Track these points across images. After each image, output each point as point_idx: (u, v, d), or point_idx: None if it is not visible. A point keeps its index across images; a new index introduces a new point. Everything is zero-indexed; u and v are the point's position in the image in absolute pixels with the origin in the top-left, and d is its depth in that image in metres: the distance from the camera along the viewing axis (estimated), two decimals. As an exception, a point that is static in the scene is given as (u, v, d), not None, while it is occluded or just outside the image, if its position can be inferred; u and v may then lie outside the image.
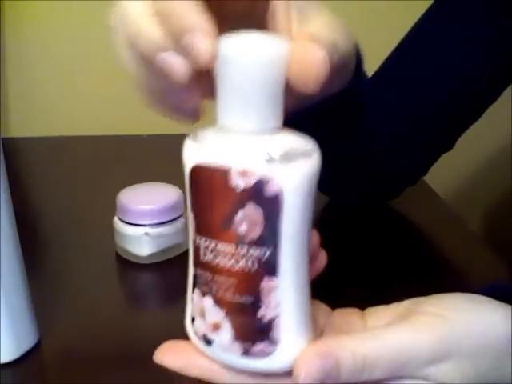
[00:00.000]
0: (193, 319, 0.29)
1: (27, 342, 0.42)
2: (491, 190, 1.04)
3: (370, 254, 0.57)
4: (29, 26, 0.88)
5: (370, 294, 0.50)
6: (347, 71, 0.35)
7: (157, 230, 0.52)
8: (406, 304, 0.32)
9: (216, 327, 0.28)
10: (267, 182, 0.25)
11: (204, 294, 0.28)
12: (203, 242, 0.27)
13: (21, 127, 0.91)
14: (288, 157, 0.26)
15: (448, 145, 0.60)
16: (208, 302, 0.28)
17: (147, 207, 0.52)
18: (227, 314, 0.28)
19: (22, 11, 0.87)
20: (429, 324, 0.29)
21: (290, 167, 0.26)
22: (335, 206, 0.65)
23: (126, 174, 0.69)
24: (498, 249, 0.58)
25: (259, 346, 0.28)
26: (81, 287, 0.50)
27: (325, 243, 0.34)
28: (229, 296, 0.27)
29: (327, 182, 0.61)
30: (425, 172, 0.63)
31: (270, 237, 0.26)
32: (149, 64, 0.28)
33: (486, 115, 0.58)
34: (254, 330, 0.27)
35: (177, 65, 0.27)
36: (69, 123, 0.92)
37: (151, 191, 0.55)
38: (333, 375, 0.27)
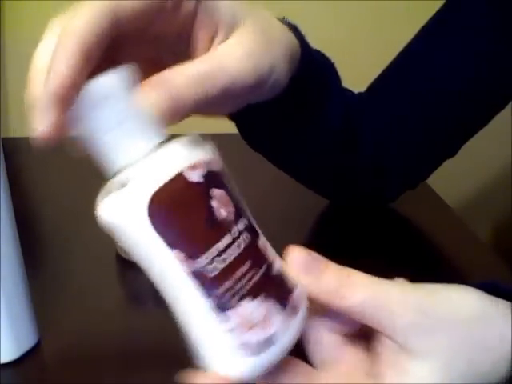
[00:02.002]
0: (240, 347, 0.27)
1: (27, 342, 0.42)
2: (496, 196, 1.04)
3: (371, 255, 0.57)
4: (29, 26, 0.88)
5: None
6: (266, 85, 0.35)
7: (157, 230, 0.52)
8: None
9: (266, 319, 0.27)
10: (211, 162, 0.28)
11: (235, 305, 0.27)
12: (204, 261, 0.26)
13: (21, 127, 0.91)
14: (202, 142, 0.28)
15: (451, 151, 0.60)
16: (247, 304, 0.27)
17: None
18: (265, 295, 0.27)
19: (21, 11, 0.87)
20: (416, 291, 0.30)
21: (210, 146, 0.29)
22: (336, 207, 0.65)
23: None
24: (500, 251, 0.58)
25: (293, 296, 0.29)
26: (81, 287, 0.50)
27: (326, 244, 0.34)
28: (255, 278, 0.27)
29: (327, 184, 0.61)
30: (426, 176, 0.63)
31: (238, 205, 0.28)
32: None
33: (494, 122, 0.58)
34: (281, 288, 0.28)
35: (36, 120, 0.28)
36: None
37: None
38: (318, 271, 0.29)
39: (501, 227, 1.05)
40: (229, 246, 0.27)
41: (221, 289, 0.27)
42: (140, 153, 0.27)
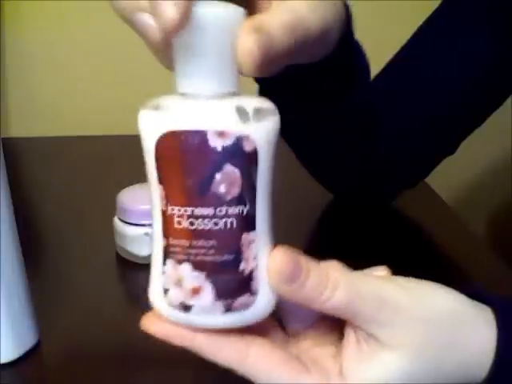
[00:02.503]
0: (165, 291, 0.29)
1: (27, 342, 0.42)
2: (493, 193, 1.04)
3: (370, 253, 0.57)
4: (29, 26, 0.88)
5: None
6: (324, 44, 0.36)
7: (157, 229, 0.52)
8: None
9: (196, 291, 0.28)
10: (244, 139, 0.27)
11: (180, 262, 0.28)
12: (177, 211, 0.28)
13: (21, 127, 0.91)
14: (259, 114, 0.27)
15: (450, 149, 0.60)
16: (185, 268, 0.28)
17: (147, 207, 0.51)
18: (208, 275, 0.28)
19: (22, 11, 0.88)
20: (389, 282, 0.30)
21: (262, 124, 0.27)
22: (336, 206, 0.65)
23: (126, 173, 0.69)
24: (499, 250, 0.58)
25: (240, 300, 0.29)
26: (81, 287, 0.50)
27: (326, 243, 0.34)
28: (209, 258, 0.28)
29: (330, 178, 0.61)
30: (425, 175, 0.63)
31: (247, 193, 0.28)
32: (130, 23, 0.28)
33: (489, 118, 0.58)
34: (236, 285, 0.29)
35: (150, 29, 0.27)
36: (69, 123, 0.92)
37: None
38: (301, 279, 0.28)
39: (498, 225, 1.05)
40: (205, 217, 0.27)
41: (174, 241, 0.28)
42: (200, 89, 0.27)
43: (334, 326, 0.32)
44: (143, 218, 0.52)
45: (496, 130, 0.84)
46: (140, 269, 0.53)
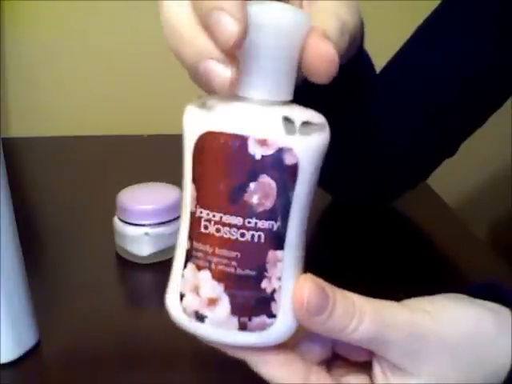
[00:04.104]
0: (181, 296, 0.28)
1: (27, 342, 0.42)
2: (494, 195, 1.04)
3: (371, 254, 0.57)
4: (29, 26, 0.88)
5: (370, 293, 0.50)
6: (354, 46, 0.35)
7: (157, 230, 0.52)
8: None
9: (212, 302, 0.27)
10: (285, 151, 0.26)
11: (200, 269, 0.27)
12: (205, 215, 0.27)
13: (21, 127, 0.91)
14: (306, 128, 0.26)
15: (450, 150, 0.60)
16: (205, 276, 0.27)
17: (147, 207, 0.52)
18: (226, 288, 0.27)
19: (22, 11, 0.87)
20: (414, 310, 0.29)
21: (308, 139, 0.26)
22: (337, 207, 0.65)
23: (125, 174, 0.69)
24: (499, 251, 0.58)
25: (257, 320, 0.27)
26: (81, 287, 0.50)
27: (326, 244, 0.34)
28: (230, 269, 0.27)
29: (329, 179, 0.61)
30: (426, 176, 0.63)
31: (281, 209, 0.26)
32: (192, 72, 0.27)
33: (489, 119, 0.58)
34: (254, 304, 0.27)
35: (219, 74, 0.25)
36: (69, 123, 0.92)
37: (151, 191, 0.55)
38: (328, 310, 0.27)
39: (499, 226, 1.05)
40: (233, 226, 0.26)
41: (198, 245, 0.27)
42: (250, 94, 0.26)
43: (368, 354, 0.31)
44: (143, 217, 0.52)
45: (497, 133, 0.84)
46: (140, 269, 0.53)
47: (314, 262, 0.30)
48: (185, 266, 0.28)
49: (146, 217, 0.52)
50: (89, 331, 0.45)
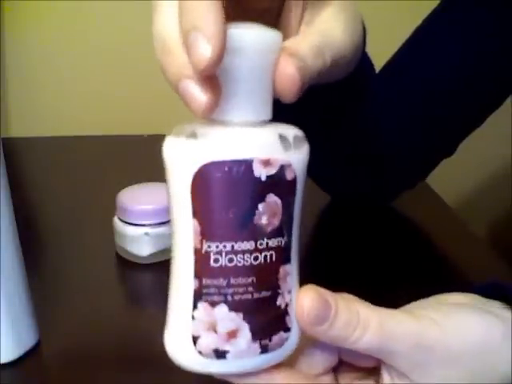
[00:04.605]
0: (195, 339, 0.27)
1: (27, 342, 0.42)
2: (493, 195, 1.04)
3: (371, 254, 0.57)
4: (29, 26, 0.88)
5: (370, 294, 0.50)
6: (348, 62, 0.35)
7: (157, 230, 0.52)
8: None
9: (232, 335, 0.26)
10: (286, 168, 0.26)
11: (215, 305, 0.26)
12: (215, 248, 0.26)
13: (21, 127, 0.91)
14: (296, 142, 0.27)
15: (449, 150, 0.60)
16: (221, 311, 0.26)
17: (147, 207, 0.52)
18: (245, 316, 0.26)
19: (22, 11, 0.88)
20: (421, 319, 0.29)
21: (301, 152, 0.27)
22: (336, 207, 0.65)
23: (125, 174, 0.69)
24: (499, 251, 0.58)
25: (276, 338, 0.27)
26: (81, 287, 0.50)
27: (326, 244, 0.34)
28: (247, 296, 0.26)
29: (328, 180, 0.61)
30: (425, 176, 0.63)
31: (286, 224, 0.27)
32: (173, 89, 0.26)
33: (488, 119, 0.58)
34: (273, 322, 0.27)
35: (195, 97, 0.25)
36: (69, 123, 0.92)
37: (151, 191, 0.55)
38: (330, 320, 0.27)
39: (499, 226, 1.05)
40: (246, 252, 0.26)
41: (209, 281, 0.26)
42: (238, 117, 0.26)
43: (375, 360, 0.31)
44: (143, 217, 0.52)
45: (497, 133, 0.84)
46: (140, 269, 0.53)
47: (314, 263, 0.30)
48: (195, 307, 0.27)
49: (146, 217, 0.52)
50: (89, 331, 0.45)
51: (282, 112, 0.28)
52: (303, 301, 0.27)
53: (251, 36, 0.25)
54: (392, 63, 0.58)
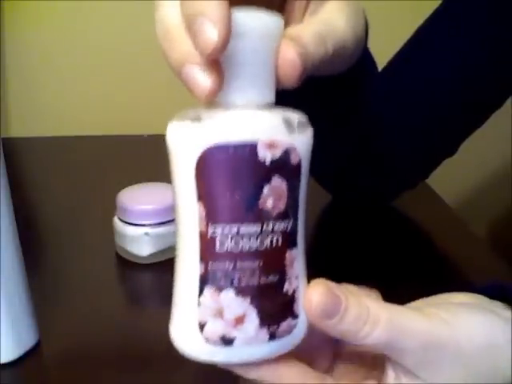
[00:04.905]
0: (202, 325, 0.26)
1: (27, 342, 0.42)
2: (494, 195, 1.04)
3: (371, 254, 0.57)
4: (29, 26, 0.88)
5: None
6: (350, 54, 0.35)
7: (157, 230, 0.52)
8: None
9: (239, 321, 0.26)
10: (291, 151, 0.26)
11: (221, 290, 0.26)
12: (220, 231, 0.25)
13: (21, 127, 0.91)
14: (300, 126, 0.27)
15: (450, 150, 0.60)
16: (228, 296, 0.26)
17: (147, 207, 0.52)
18: (252, 300, 0.26)
19: (22, 12, 0.88)
20: (431, 317, 0.29)
21: (304, 135, 0.27)
22: (337, 207, 0.65)
23: (125, 174, 0.69)
24: (500, 251, 0.58)
25: (284, 325, 0.27)
26: (81, 287, 0.50)
27: (326, 244, 0.34)
28: (254, 281, 0.26)
29: (330, 179, 0.61)
30: (426, 176, 0.63)
31: (291, 207, 0.27)
32: (176, 75, 0.27)
33: (489, 119, 0.58)
34: (280, 309, 0.27)
35: (198, 82, 0.25)
36: (69, 123, 0.92)
37: (151, 191, 0.55)
38: (339, 314, 0.27)
39: (499, 226, 1.05)
40: (252, 235, 0.26)
41: (215, 265, 0.26)
42: (242, 100, 0.26)
43: (376, 360, 0.31)
44: (143, 217, 0.52)
45: (497, 133, 0.84)
46: (140, 269, 0.53)
47: (314, 262, 0.30)
48: (201, 293, 0.26)
49: (146, 217, 0.52)
50: (89, 331, 0.45)
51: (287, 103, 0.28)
52: (312, 295, 0.27)
53: (254, 20, 0.25)
54: (394, 63, 0.58)
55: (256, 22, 0.25)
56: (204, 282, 0.26)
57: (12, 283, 0.40)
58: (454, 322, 0.29)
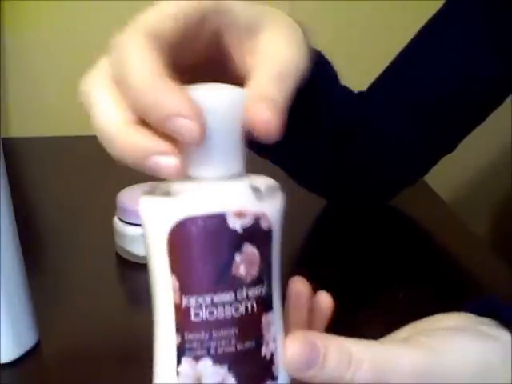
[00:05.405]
0: None
1: (27, 342, 0.42)
2: (493, 193, 1.04)
3: (370, 253, 0.57)
4: (29, 26, 0.88)
5: (370, 293, 0.50)
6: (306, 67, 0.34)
7: (157, 230, 0.52)
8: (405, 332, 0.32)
9: None
10: (261, 218, 0.26)
11: (198, 359, 0.26)
12: (194, 302, 0.26)
13: (21, 127, 0.91)
14: (269, 192, 0.27)
15: (449, 147, 0.60)
16: (205, 364, 0.26)
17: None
18: (230, 368, 0.26)
19: (22, 11, 0.88)
20: (418, 348, 0.29)
21: (275, 201, 0.27)
22: (334, 206, 0.65)
23: (125, 174, 0.69)
24: (499, 250, 0.58)
25: None
26: (81, 287, 0.50)
27: (325, 244, 0.34)
28: (231, 348, 0.26)
29: (325, 184, 0.61)
30: (424, 173, 0.63)
31: (264, 272, 0.27)
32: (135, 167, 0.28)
33: (489, 117, 0.58)
34: (259, 373, 0.27)
35: (166, 166, 0.26)
36: (69, 123, 0.92)
37: (151, 191, 0.55)
38: (319, 363, 0.27)
39: (498, 224, 1.05)
40: (226, 304, 0.26)
41: (191, 335, 0.26)
42: (208, 173, 0.27)
43: None
44: (143, 218, 0.52)
45: (496, 130, 0.84)
46: (140, 269, 0.53)
47: (313, 263, 0.30)
48: (179, 363, 0.26)
49: (145, 217, 0.52)
50: (89, 331, 0.45)
51: None
52: (288, 349, 0.27)
53: (216, 96, 0.26)
54: (395, 63, 0.58)
55: (218, 98, 0.26)
56: (181, 352, 0.26)
57: (12, 283, 0.40)
58: (442, 349, 0.29)
